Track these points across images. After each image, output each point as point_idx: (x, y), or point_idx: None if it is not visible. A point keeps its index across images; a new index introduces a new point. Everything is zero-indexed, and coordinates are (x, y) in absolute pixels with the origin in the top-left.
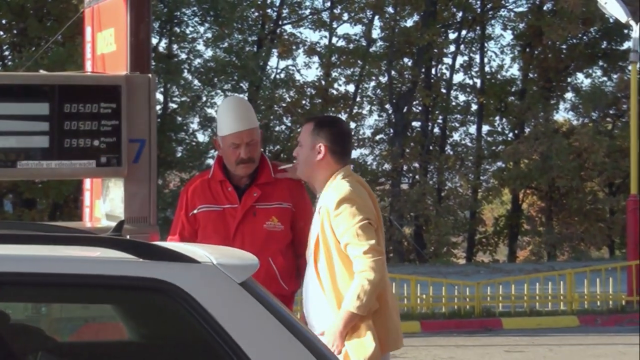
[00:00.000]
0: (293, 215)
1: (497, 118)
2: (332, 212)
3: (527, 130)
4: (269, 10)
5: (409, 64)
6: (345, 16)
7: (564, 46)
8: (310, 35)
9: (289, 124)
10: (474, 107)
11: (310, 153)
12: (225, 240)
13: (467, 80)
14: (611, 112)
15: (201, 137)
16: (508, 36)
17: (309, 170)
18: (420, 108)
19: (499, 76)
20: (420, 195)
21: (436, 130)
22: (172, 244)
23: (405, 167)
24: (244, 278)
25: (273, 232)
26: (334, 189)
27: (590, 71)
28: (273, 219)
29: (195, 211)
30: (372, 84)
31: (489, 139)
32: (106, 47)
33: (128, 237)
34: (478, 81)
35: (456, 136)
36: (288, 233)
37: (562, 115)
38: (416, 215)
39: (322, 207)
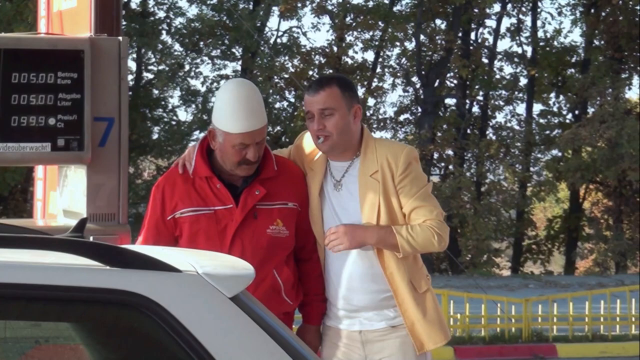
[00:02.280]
0: (298, 216)
1: (552, 95)
2: (398, 174)
3: (590, 110)
4: None
5: (442, 26)
6: None
7: (639, 7)
8: None
9: (292, 100)
10: (524, 81)
11: (349, 118)
12: (220, 250)
13: (515, 48)
14: None
15: (183, 115)
16: None
17: (348, 138)
18: (455, 82)
19: (555, 43)
20: (455, 190)
21: (475, 109)
22: (147, 248)
23: (436, 155)
24: (236, 291)
25: (278, 239)
26: (389, 148)
27: None
28: (277, 222)
29: (177, 214)
30: (396, 51)
31: (541, 121)
32: (65, 1)
33: (91, 238)
34: (529, 49)
35: (500, 117)
36: (293, 239)
37: (636, 92)
38: (449, 215)
39: (378, 172)
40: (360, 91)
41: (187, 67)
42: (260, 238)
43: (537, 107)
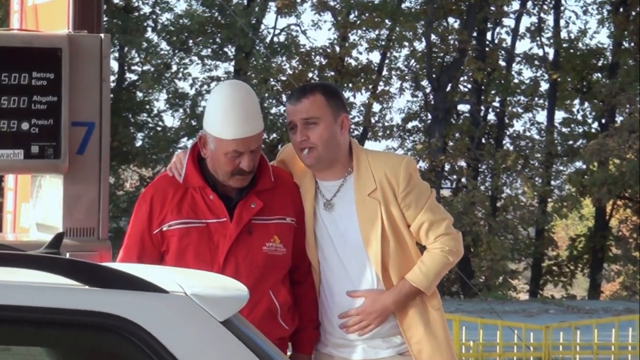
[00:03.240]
0: (295, 233)
1: (576, 102)
2: (401, 191)
3: (618, 119)
4: None
5: (456, 25)
6: None
7: None
8: None
9: None
10: (545, 86)
11: (335, 129)
12: (212, 268)
13: (536, 50)
14: None
15: (169, 120)
16: None
17: (335, 150)
18: (469, 86)
19: (580, 45)
20: (468, 205)
21: (491, 116)
22: (130, 266)
23: (447, 167)
24: (228, 314)
25: (274, 257)
26: (385, 163)
27: None
28: (274, 238)
29: (164, 227)
30: (405, 52)
31: (564, 130)
32: None
33: (68, 255)
34: (551, 51)
35: (518, 125)
36: (290, 258)
37: None
38: (462, 232)
39: (376, 190)
40: (365, 95)
41: (174, 68)
42: (255, 256)
43: (559, 115)
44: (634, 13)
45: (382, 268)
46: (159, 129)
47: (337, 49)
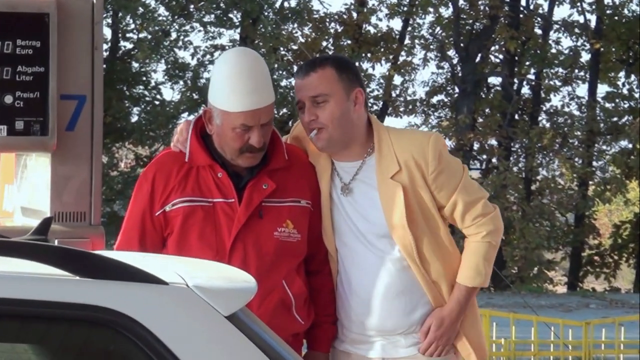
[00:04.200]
0: (311, 217)
1: (621, 75)
2: (431, 172)
3: None
4: None
5: None
6: None
7: None
8: None
9: None
10: (586, 57)
11: (346, 105)
12: (217, 254)
13: (576, 17)
14: None
15: (168, 93)
16: None
17: (349, 130)
18: (501, 57)
19: (625, 11)
20: (499, 189)
21: (525, 90)
22: (125, 254)
23: (476, 146)
24: (235, 308)
25: (287, 244)
26: (411, 141)
27: None
28: (287, 223)
29: (167, 208)
30: (429, 18)
31: (607, 105)
32: None
33: (56, 242)
34: (592, 18)
35: (556, 100)
36: (305, 244)
37: None
38: None
39: (401, 172)
40: (385, 67)
41: (173, 36)
42: (266, 242)
43: (602, 89)
44: None
45: (416, 255)
46: (157, 103)
47: (355, 14)
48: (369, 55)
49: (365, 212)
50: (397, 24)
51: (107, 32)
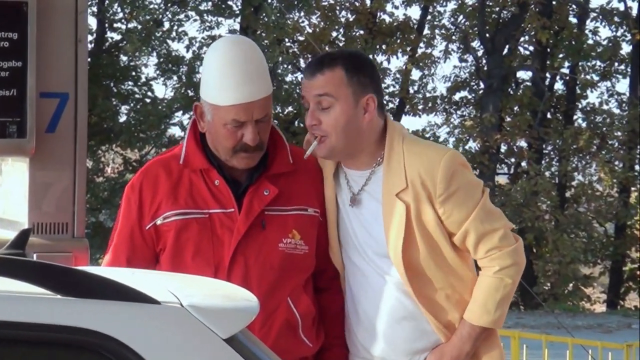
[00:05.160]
0: (320, 227)
1: None
2: (439, 195)
3: None
4: None
5: None
6: None
7: None
8: None
9: None
10: (627, 48)
11: (354, 112)
12: (216, 271)
13: (616, 4)
14: None
15: (160, 90)
16: None
17: (353, 140)
18: (531, 49)
19: None
20: (529, 196)
21: (559, 86)
22: (113, 271)
23: (504, 148)
24: (234, 330)
25: (293, 257)
26: (421, 158)
27: None
28: (293, 233)
29: (158, 221)
30: (451, 5)
31: None
32: None
33: (35, 257)
34: (634, 5)
35: (593, 97)
36: (313, 258)
37: None
38: (522, 229)
39: (407, 190)
40: (402, 60)
41: (166, 26)
42: (270, 255)
43: None
44: None
45: (407, 279)
46: (147, 100)
47: (368, 2)
48: (383, 47)
49: (370, 227)
50: (415, 12)
51: (93, 22)
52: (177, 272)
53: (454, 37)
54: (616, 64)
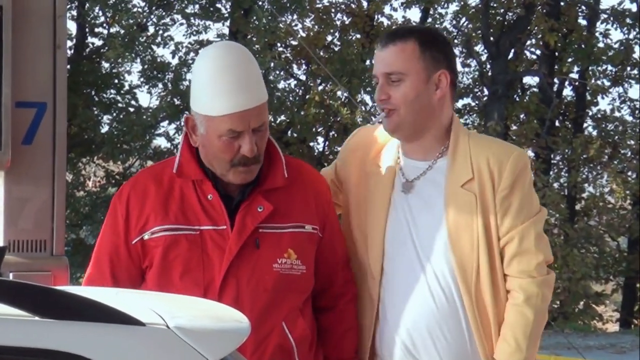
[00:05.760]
0: (320, 244)
1: None
2: (502, 188)
3: None
4: None
5: None
6: None
7: None
8: None
9: (303, 77)
10: None
11: (424, 88)
12: (205, 292)
13: (628, 5)
14: None
15: (145, 99)
16: None
17: (423, 116)
18: (539, 52)
19: None
20: None
21: (568, 92)
22: (94, 290)
23: None
24: (224, 353)
25: (289, 277)
26: (490, 148)
27: None
28: (289, 252)
29: (145, 236)
30: (453, 7)
31: None
32: None
33: (11, 276)
34: None
35: (604, 103)
36: (312, 278)
37: None
38: None
39: (473, 180)
40: None
41: (151, 30)
42: (263, 276)
43: None
44: None
45: (474, 284)
46: (131, 110)
47: (365, 3)
48: None
49: (425, 217)
50: (415, 14)
51: (72, 27)
52: (163, 291)
53: (456, 41)
54: (628, 68)
